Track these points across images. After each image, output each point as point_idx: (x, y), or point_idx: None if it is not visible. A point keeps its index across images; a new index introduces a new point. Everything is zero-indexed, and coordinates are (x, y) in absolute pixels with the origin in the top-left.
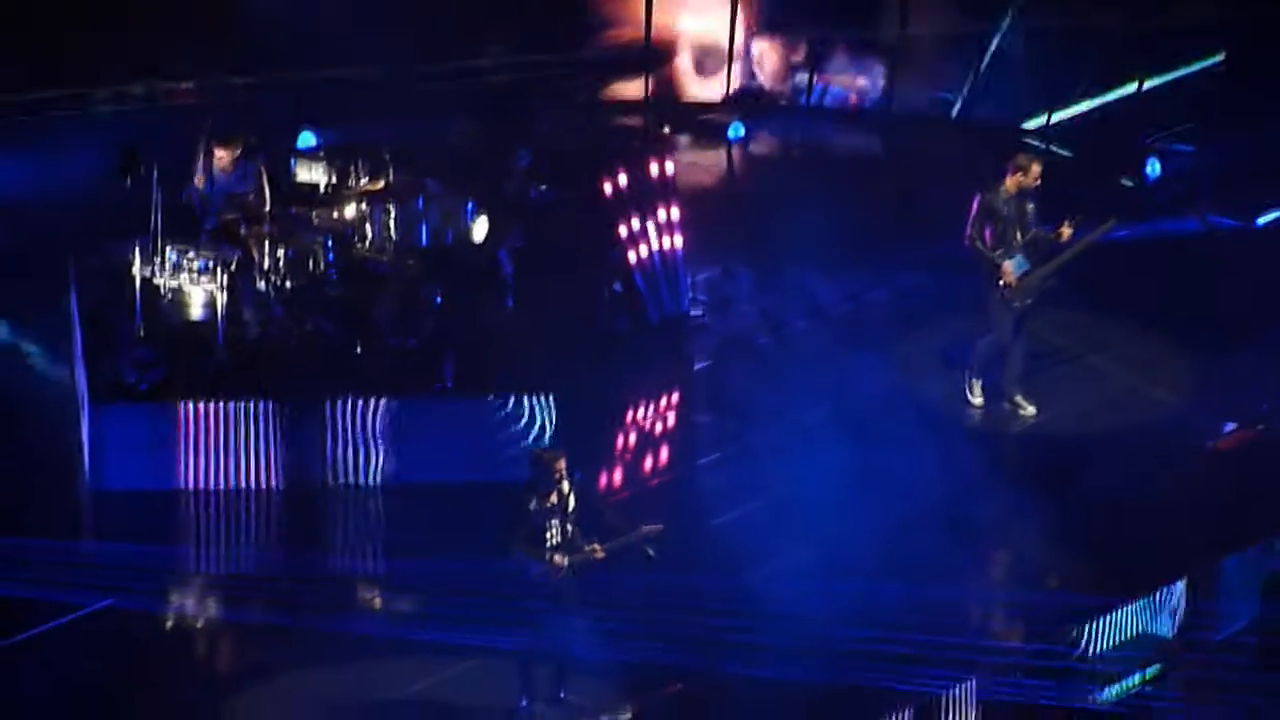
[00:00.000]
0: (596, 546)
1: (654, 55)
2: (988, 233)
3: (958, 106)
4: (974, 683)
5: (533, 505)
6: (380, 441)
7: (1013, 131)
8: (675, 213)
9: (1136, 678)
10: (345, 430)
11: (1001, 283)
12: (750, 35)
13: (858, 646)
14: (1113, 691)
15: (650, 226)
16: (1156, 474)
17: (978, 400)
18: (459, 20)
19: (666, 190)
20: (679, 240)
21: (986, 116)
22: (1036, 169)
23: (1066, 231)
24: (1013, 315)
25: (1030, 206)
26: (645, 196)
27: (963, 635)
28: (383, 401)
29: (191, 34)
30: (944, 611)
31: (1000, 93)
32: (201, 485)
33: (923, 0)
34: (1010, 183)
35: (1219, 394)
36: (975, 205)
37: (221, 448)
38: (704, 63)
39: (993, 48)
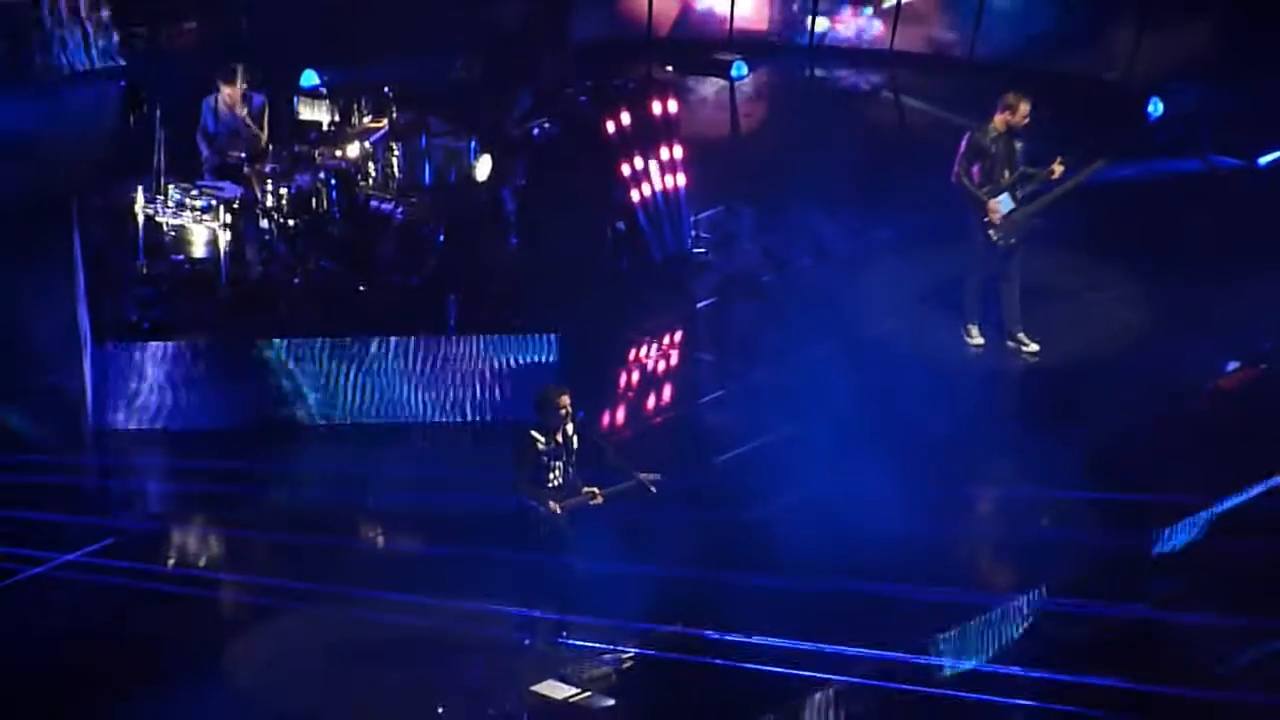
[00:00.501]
0: (596, 490)
1: None
2: (975, 170)
3: (962, 46)
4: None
5: (539, 444)
6: (385, 379)
7: (1014, 70)
8: (678, 152)
9: None
10: (349, 367)
11: (986, 220)
12: None
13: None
14: None
15: (653, 165)
16: (1160, 412)
17: (976, 341)
18: None
19: (669, 129)
20: (682, 179)
21: (991, 55)
22: (1025, 108)
23: (1057, 169)
24: (997, 253)
25: (1019, 145)
26: (648, 136)
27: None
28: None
29: None
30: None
31: (1003, 33)
32: (204, 424)
33: None
34: (999, 121)
35: (1222, 333)
36: (964, 143)
37: (222, 386)
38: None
39: None
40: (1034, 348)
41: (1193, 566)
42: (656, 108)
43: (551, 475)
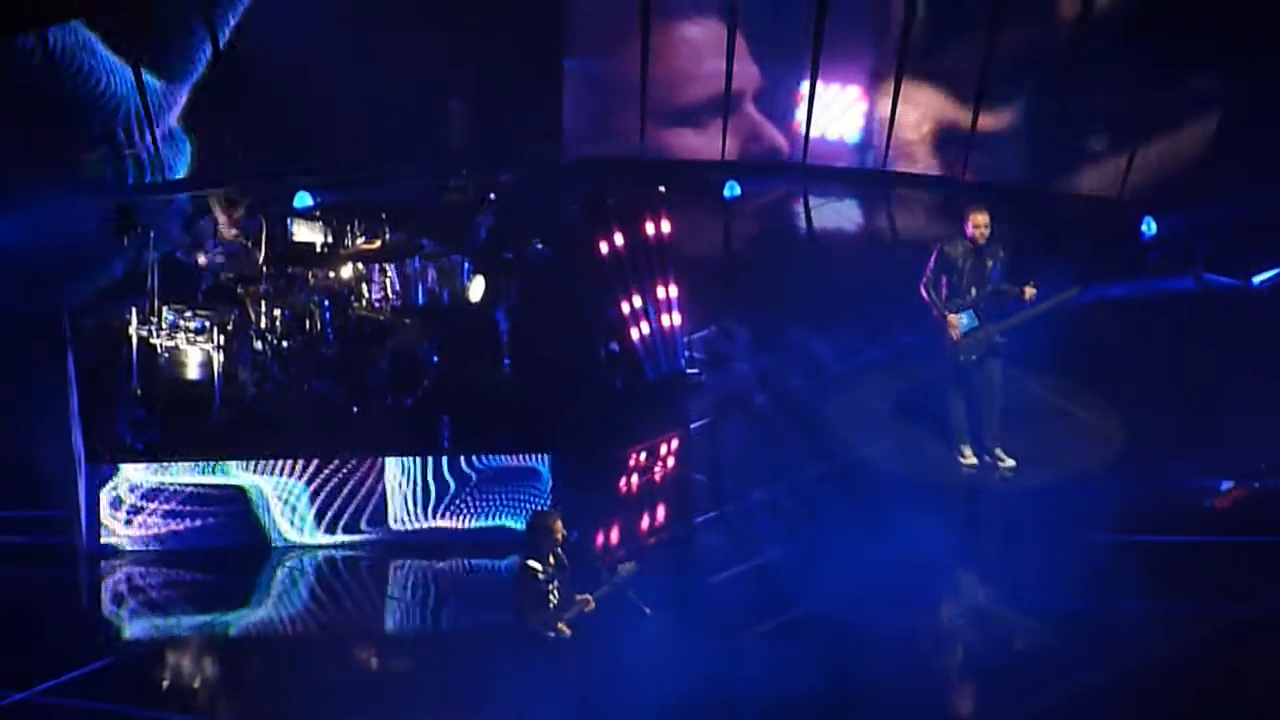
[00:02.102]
0: (588, 597)
1: (651, 112)
2: (943, 283)
3: (955, 165)
4: None
5: (538, 575)
6: (379, 500)
7: (1007, 190)
8: (671, 273)
9: None
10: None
11: (949, 335)
12: (747, 91)
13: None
14: None
15: (646, 286)
16: (1151, 526)
17: (970, 461)
18: (443, 76)
19: (663, 250)
20: (675, 301)
21: (985, 175)
22: (980, 218)
23: (1029, 292)
24: (969, 369)
25: (990, 262)
26: (641, 257)
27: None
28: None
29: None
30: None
31: (998, 155)
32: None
33: (919, 63)
34: (968, 235)
35: (1215, 453)
36: (933, 256)
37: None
38: (700, 119)
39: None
40: (1010, 464)
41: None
42: (650, 228)
43: (550, 596)
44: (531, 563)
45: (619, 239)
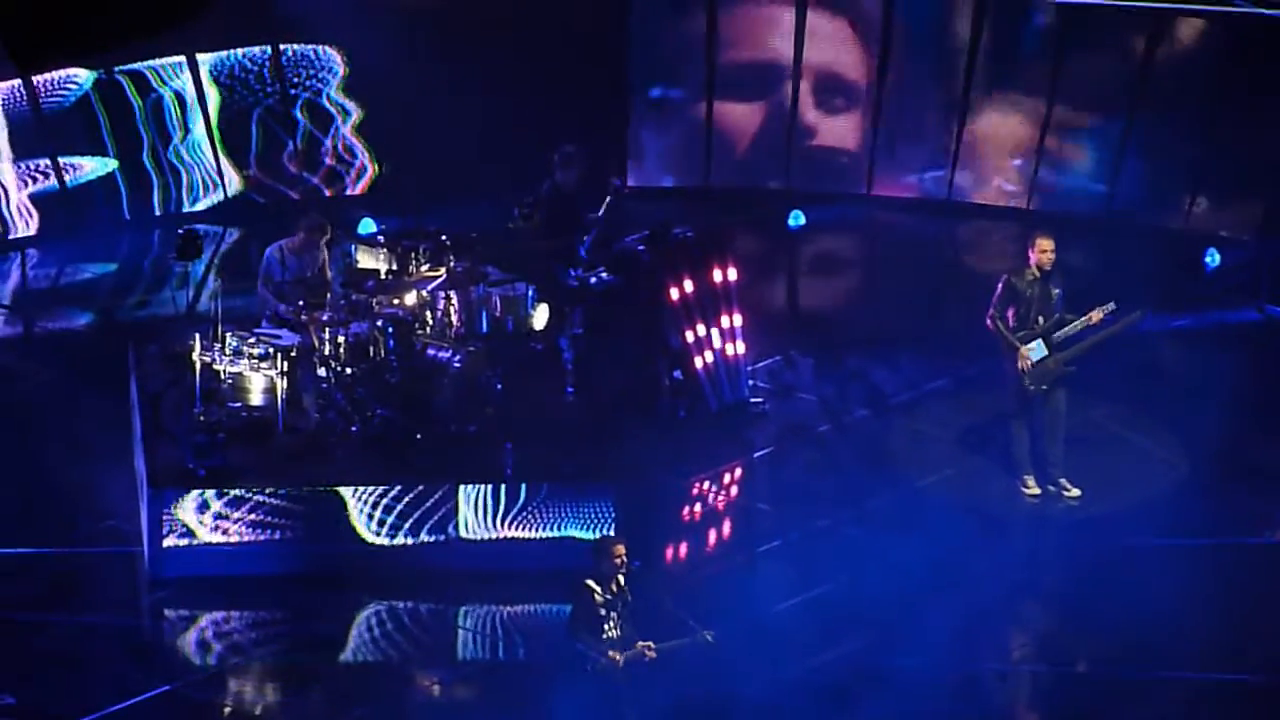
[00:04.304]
0: (650, 645)
1: (716, 141)
2: (1010, 314)
3: (1019, 195)
4: None
5: (595, 594)
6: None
7: (1075, 221)
8: (736, 307)
9: None
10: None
11: (1019, 366)
12: (812, 121)
13: None
14: None
15: (711, 318)
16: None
17: (1033, 491)
18: (521, 107)
19: (728, 283)
20: (740, 330)
21: (1050, 205)
22: (1046, 244)
23: (1095, 316)
24: (1036, 399)
25: (1056, 291)
26: (707, 291)
27: None
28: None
29: None
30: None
31: (1063, 185)
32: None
33: (986, 94)
34: (1033, 263)
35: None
36: (1000, 287)
37: (280, 533)
38: (765, 149)
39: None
40: (1075, 493)
41: None
42: (715, 258)
43: (608, 626)
44: (590, 582)
45: (684, 268)
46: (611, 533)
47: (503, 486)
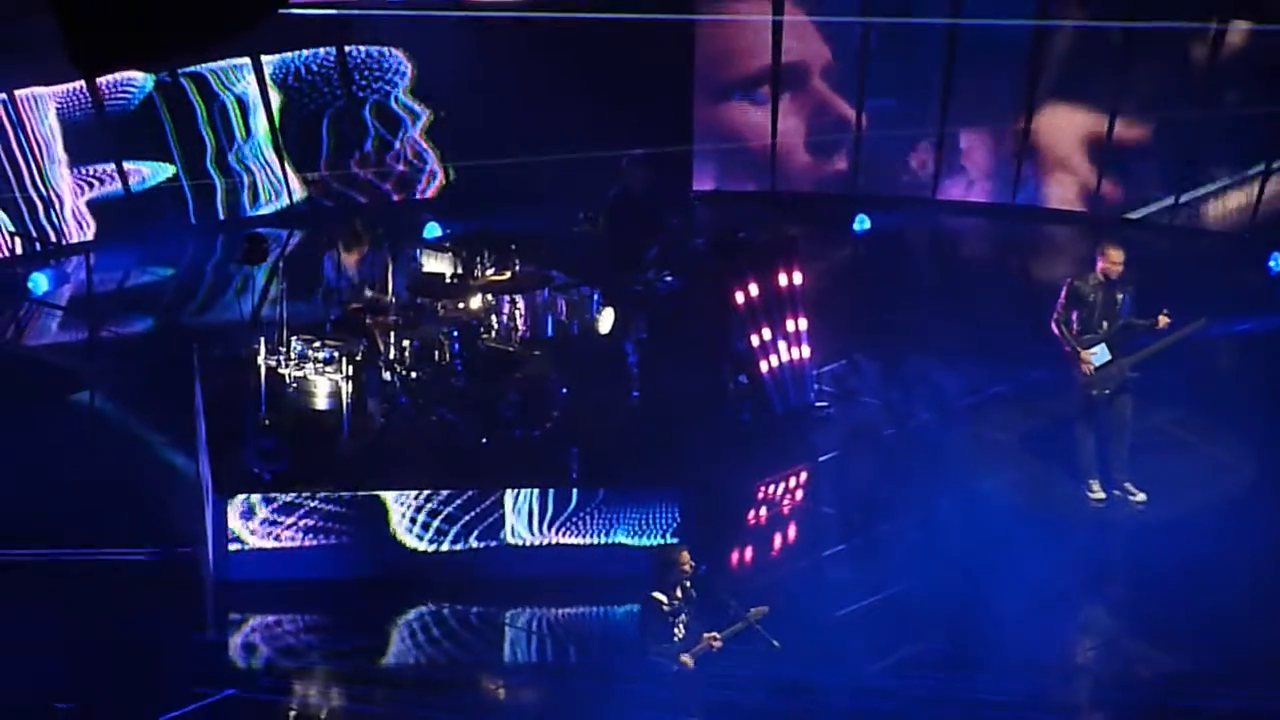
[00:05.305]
0: (715, 636)
1: (780, 146)
2: (1074, 318)
3: (1082, 199)
4: None
5: (663, 606)
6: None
7: (1140, 225)
8: (801, 311)
9: None
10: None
11: (1082, 370)
12: (874, 126)
13: None
14: None
15: (776, 323)
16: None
17: (1098, 495)
18: (586, 113)
19: (794, 289)
20: (804, 334)
21: (1117, 211)
22: (1116, 255)
23: (1162, 321)
24: (1100, 404)
25: (1120, 295)
26: (773, 296)
27: None
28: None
29: None
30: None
31: (1129, 189)
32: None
33: (1050, 98)
34: (1099, 270)
35: None
36: (1064, 291)
37: (345, 537)
38: (830, 154)
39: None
40: (1141, 497)
41: None
42: (780, 262)
43: (676, 630)
44: (656, 595)
45: (749, 272)
46: (670, 539)
47: (550, 491)
